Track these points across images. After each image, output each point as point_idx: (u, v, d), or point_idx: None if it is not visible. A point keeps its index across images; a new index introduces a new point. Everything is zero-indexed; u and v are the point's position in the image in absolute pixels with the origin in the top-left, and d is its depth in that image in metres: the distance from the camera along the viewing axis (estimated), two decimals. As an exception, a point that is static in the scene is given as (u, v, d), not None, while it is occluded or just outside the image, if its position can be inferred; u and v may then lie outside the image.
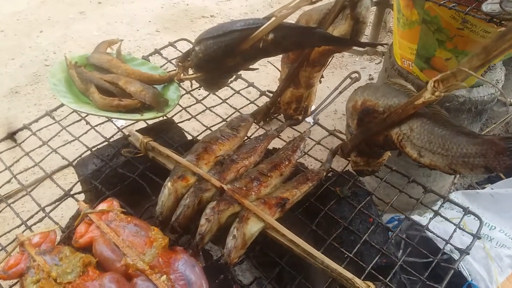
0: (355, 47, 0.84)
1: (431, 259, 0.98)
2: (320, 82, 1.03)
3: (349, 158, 0.96)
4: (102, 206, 0.88)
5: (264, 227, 0.84)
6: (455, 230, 0.92)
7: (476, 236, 0.90)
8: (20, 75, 2.82)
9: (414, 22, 1.56)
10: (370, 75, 2.73)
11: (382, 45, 0.78)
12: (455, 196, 1.91)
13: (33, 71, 2.86)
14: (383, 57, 2.81)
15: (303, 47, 0.91)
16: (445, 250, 1.06)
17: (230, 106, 1.17)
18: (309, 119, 1.12)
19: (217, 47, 0.91)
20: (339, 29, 0.83)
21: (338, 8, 0.82)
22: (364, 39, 3.23)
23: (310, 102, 1.06)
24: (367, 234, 0.89)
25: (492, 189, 2.00)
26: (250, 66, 0.97)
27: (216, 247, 1.10)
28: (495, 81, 1.65)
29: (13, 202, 0.91)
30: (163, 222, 0.86)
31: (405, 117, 0.67)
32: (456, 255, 1.24)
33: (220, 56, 0.92)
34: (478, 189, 2.16)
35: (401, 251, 1.42)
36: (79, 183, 0.98)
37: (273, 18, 0.81)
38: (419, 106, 0.63)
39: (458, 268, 0.85)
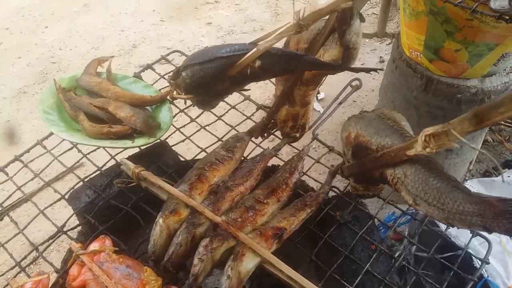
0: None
1: (447, 255, 0.94)
2: (317, 98, 0.97)
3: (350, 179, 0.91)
4: (94, 245, 0.86)
5: (260, 262, 0.81)
6: (461, 256, 0.88)
7: (485, 262, 0.85)
8: (28, 74, 2.82)
9: (420, 13, 1.48)
10: (381, 57, 2.63)
11: (376, 70, 0.72)
12: (471, 184, 1.85)
13: (40, 69, 2.85)
14: (393, 39, 2.69)
15: (292, 72, 0.86)
16: (458, 245, 1.01)
17: (226, 123, 1.13)
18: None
19: (204, 73, 0.86)
20: (330, 52, 0.77)
21: (328, 31, 0.76)
22: (373, 18, 3.09)
23: (307, 120, 1.01)
24: (369, 264, 0.85)
25: (508, 176, 1.93)
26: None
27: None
28: (509, 68, 1.56)
29: (6, 242, 0.90)
30: (156, 261, 0.84)
31: (399, 161, 0.62)
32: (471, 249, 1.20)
33: (207, 81, 0.88)
34: (495, 175, 2.09)
35: (414, 246, 1.39)
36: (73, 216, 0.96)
37: (258, 46, 0.76)
38: (410, 156, 0.58)
39: (477, 280, 0.81)
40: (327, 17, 0.75)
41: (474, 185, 1.83)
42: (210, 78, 0.86)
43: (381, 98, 2.01)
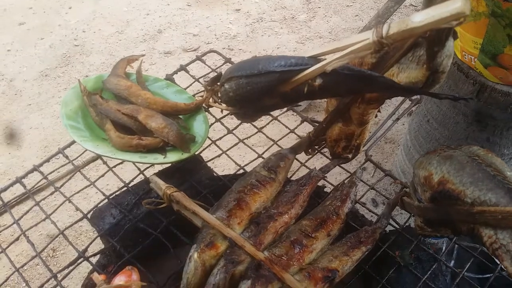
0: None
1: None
2: (376, 116, 0.85)
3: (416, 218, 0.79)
4: (120, 278, 0.76)
5: (308, 310, 0.70)
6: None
7: None
8: (50, 56, 2.73)
9: (480, 14, 1.33)
10: (421, 53, 2.46)
11: (466, 99, 0.59)
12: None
13: (63, 52, 2.76)
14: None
15: (359, 94, 0.73)
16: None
17: (267, 137, 1.01)
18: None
19: (251, 87, 0.74)
20: (408, 73, 0.64)
21: (407, 47, 0.63)
22: (410, 10, 2.90)
23: (363, 140, 0.89)
24: (433, 317, 0.73)
25: None
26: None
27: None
28: None
29: (22, 266, 0.81)
30: (189, 302, 0.74)
31: (507, 226, 0.49)
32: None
33: (254, 97, 0.75)
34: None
35: (453, 261, 1.26)
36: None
37: (321, 64, 0.63)
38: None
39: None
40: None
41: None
42: (258, 93, 0.74)
43: (424, 100, 1.87)
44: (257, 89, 0.73)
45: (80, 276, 1.41)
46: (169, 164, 0.94)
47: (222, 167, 1.73)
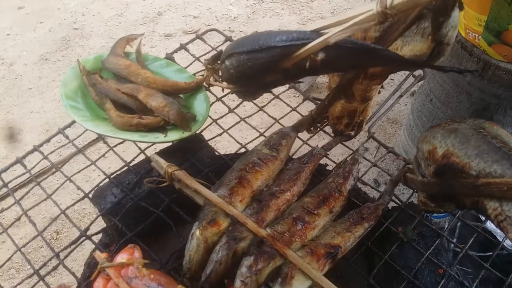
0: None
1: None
2: (379, 92, 0.84)
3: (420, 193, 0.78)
4: (122, 256, 0.75)
5: (310, 286, 0.70)
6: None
7: None
8: (49, 40, 2.71)
9: (485, -10, 1.31)
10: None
11: (471, 72, 0.58)
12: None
13: (62, 35, 2.74)
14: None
15: (362, 68, 0.72)
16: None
17: (269, 115, 1.00)
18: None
19: (252, 64, 0.72)
20: (413, 46, 0.63)
21: (412, 19, 0.61)
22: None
23: (366, 117, 0.88)
24: (436, 292, 0.73)
25: None
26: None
27: None
28: None
29: (24, 246, 0.81)
30: (192, 279, 0.74)
31: None
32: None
33: (255, 73, 0.74)
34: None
35: (455, 239, 1.27)
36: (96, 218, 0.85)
37: (323, 37, 0.62)
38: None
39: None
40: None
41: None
42: (259, 69, 0.73)
43: (427, 79, 1.85)
44: (258, 65, 0.72)
45: (83, 257, 1.42)
46: (170, 143, 0.93)
47: (223, 148, 1.73)
